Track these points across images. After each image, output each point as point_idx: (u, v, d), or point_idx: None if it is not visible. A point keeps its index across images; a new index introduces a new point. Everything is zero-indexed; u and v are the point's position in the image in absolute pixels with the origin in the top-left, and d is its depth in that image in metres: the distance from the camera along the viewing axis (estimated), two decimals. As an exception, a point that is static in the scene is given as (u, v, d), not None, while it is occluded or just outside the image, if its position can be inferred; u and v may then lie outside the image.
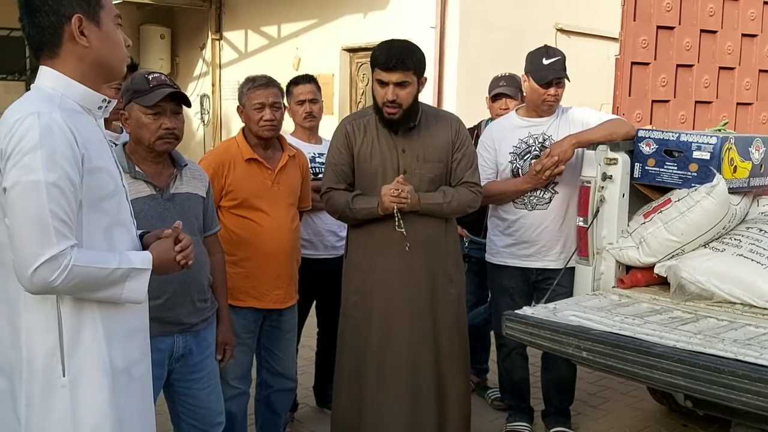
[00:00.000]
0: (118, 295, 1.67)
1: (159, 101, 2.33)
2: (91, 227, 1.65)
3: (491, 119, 4.00)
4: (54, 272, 1.54)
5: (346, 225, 3.62)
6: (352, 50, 7.98)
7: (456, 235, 3.14)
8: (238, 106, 3.08)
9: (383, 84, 2.81)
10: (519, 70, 3.62)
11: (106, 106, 1.77)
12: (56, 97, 1.65)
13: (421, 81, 2.86)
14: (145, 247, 1.82)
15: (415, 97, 2.84)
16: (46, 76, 1.68)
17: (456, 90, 6.91)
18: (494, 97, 4.00)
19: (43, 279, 1.55)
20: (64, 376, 1.63)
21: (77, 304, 1.64)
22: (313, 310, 3.71)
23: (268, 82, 3.01)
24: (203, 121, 10.03)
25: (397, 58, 2.76)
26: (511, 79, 3.99)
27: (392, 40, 2.88)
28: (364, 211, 2.84)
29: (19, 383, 1.65)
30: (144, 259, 1.72)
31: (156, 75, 2.41)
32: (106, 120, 2.21)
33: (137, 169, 2.38)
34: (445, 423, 2.97)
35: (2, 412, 1.71)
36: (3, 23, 9.35)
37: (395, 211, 2.77)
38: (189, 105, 2.47)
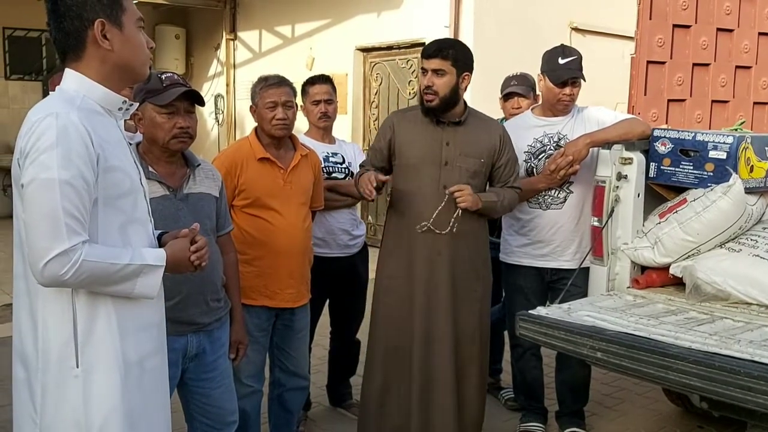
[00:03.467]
0: (130, 290, 1.71)
1: (173, 100, 2.35)
2: (106, 224, 1.69)
3: (504, 119, 3.99)
4: (64, 266, 1.59)
5: (359, 223, 3.65)
6: (365, 50, 7.99)
7: (486, 234, 3.16)
8: (250, 106, 3.09)
9: (424, 72, 2.94)
10: (534, 69, 3.60)
11: (127, 108, 1.81)
12: (77, 98, 1.70)
13: (462, 76, 2.95)
14: (162, 247, 1.84)
15: (453, 89, 2.93)
16: (70, 78, 1.73)
17: (470, 89, 6.88)
18: (506, 97, 3.99)
19: (54, 273, 1.60)
20: (77, 366, 1.68)
21: (92, 297, 1.69)
22: (326, 310, 3.71)
23: (280, 81, 3.02)
24: (218, 121, 10.08)
25: (436, 47, 2.92)
26: (523, 78, 3.98)
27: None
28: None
29: (35, 373, 1.70)
30: (157, 256, 1.76)
31: (168, 74, 2.43)
32: (122, 119, 2.24)
33: (150, 169, 2.39)
34: (463, 413, 3.02)
35: (20, 401, 1.76)
36: (20, 24, 9.46)
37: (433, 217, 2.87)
38: (202, 104, 2.49)
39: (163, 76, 2.40)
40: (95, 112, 1.71)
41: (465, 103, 3.04)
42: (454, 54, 2.91)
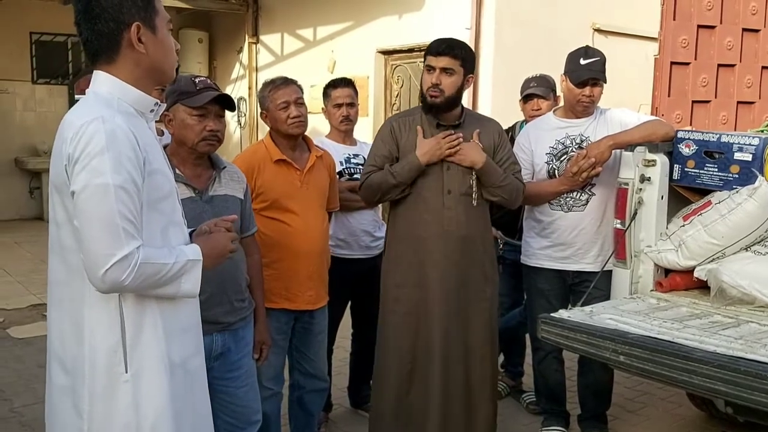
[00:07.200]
0: (177, 289, 1.71)
1: (205, 104, 2.39)
2: (150, 227, 1.69)
3: (525, 121, 3.98)
4: (124, 272, 1.59)
5: (381, 225, 3.65)
6: (387, 52, 7.99)
7: (491, 235, 3.15)
8: (261, 112, 3.09)
9: (431, 69, 2.91)
10: (555, 71, 3.59)
11: (157, 110, 1.82)
12: (113, 101, 1.69)
13: (467, 78, 2.94)
14: None
15: (458, 90, 2.93)
16: (103, 81, 1.72)
17: (491, 91, 6.88)
18: (526, 98, 3.99)
19: (115, 279, 1.59)
20: (126, 371, 1.68)
21: (139, 302, 1.69)
22: (347, 311, 3.72)
23: (286, 81, 3.05)
24: (240, 124, 10.15)
25: (447, 45, 2.91)
26: (542, 80, 3.97)
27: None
28: (406, 168, 2.90)
29: (81, 379, 1.70)
30: (195, 251, 1.77)
31: (201, 78, 2.48)
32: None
33: (177, 171, 2.42)
34: (474, 423, 3.00)
35: (63, 408, 1.76)
36: (47, 29, 9.60)
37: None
38: (233, 109, 2.52)
39: (197, 80, 2.44)
40: (131, 114, 1.71)
41: (462, 104, 3.03)
42: (463, 54, 2.91)
